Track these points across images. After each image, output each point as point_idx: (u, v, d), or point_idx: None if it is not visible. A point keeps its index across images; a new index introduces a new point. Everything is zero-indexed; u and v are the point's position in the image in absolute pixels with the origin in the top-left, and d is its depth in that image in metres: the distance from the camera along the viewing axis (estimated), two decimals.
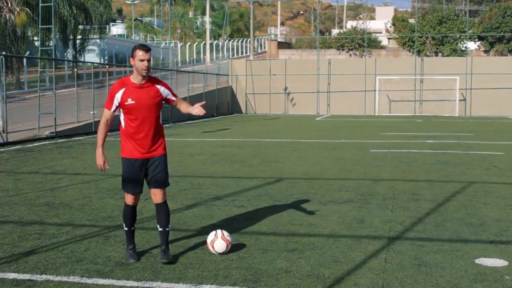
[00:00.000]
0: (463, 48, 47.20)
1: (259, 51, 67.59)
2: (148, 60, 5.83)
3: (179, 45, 58.44)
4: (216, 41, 60.82)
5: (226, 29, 58.74)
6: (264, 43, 68.57)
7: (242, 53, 62.48)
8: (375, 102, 40.51)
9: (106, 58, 45.26)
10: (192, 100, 35.08)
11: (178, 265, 5.83)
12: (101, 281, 5.36)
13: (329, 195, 9.68)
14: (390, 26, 55.15)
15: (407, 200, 9.27)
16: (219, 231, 6.23)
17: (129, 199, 6.06)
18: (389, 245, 6.59)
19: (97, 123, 23.01)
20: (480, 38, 48.53)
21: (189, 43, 58.53)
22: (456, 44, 47.59)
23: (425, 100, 40.79)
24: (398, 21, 52.64)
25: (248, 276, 5.50)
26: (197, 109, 6.08)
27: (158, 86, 6.00)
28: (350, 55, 50.84)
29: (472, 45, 49.57)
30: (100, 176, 11.75)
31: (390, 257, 6.11)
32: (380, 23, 71.22)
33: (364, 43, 48.56)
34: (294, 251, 6.34)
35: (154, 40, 64.40)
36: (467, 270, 5.68)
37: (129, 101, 5.83)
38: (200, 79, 37.97)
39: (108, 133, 5.94)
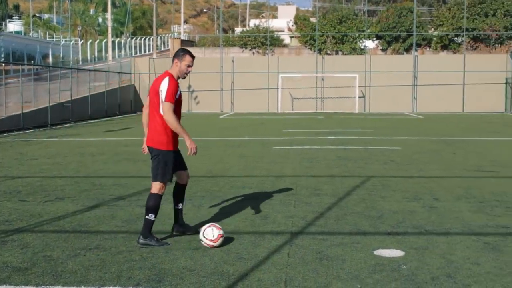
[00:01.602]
0: (362, 47, 48.57)
1: (162, 49, 66.91)
2: (192, 66, 6.63)
3: (79, 43, 57.00)
4: (118, 39, 59.74)
5: (128, 27, 57.89)
6: (167, 41, 67.95)
7: (145, 51, 61.65)
8: (278, 100, 41.03)
9: (2, 55, 43.53)
10: (93, 99, 34.34)
11: (80, 267, 5.69)
12: None
13: (232, 192, 9.73)
14: (292, 25, 55.96)
15: (309, 195, 9.45)
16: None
17: (163, 188, 6.63)
18: (292, 240, 6.70)
19: None
20: (378, 37, 50.06)
21: (90, 40, 57.15)
22: (356, 43, 48.89)
23: (326, 98, 41.71)
24: (300, 20, 53.47)
25: (151, 276, 5.44)
26: None
27: None
28: (253, 53, 51.22)
29: (370, 44, 51.05)
30: None
31: (293, 252, 6.21)
32: (282, 22, 72.18)
33: (267, 41, 49.07)
34: (198, 249, 6.33)
35: (53, 38, 62.48)
36: (366, 262, 5.86)
37: (181, 96, 6.61)
38: (102, 77, 37.20)
39: (5, 134, 5.74)
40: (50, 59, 47.27)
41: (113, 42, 55.49)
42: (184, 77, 6.65)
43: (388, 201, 8.92)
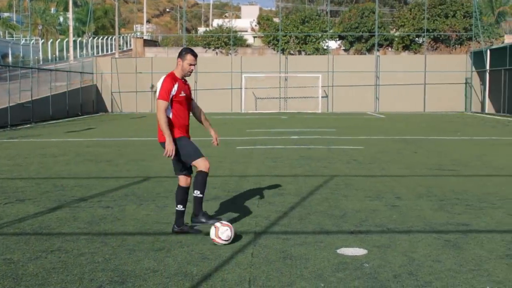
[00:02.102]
0: (325, 47, 48.87)
1: (125, 48, 66.30)
2: (195, 65, 6.92)
3: (40, 42, 56.18)
4: (80, 39, 59.01)
5: (90, 26, 57.17)
6: (130, 41, 67.42)
7: (107, 50, 61.01)
8: (241, 100, 41.06)
9: None
10: (54, 99, 33.89)
11: (41, 270, 5.61)
12: None
13: None
14: (256, 25, 56.04)
15: (273, 195, 9.47)
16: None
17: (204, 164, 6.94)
18: (256, 240, 6.71)
19: None
20: (341, 38, 50.44)
21: (51, 40, 56.36)
22: (318, 43, 49.17)
23: (289, 97, 41.88)
24: (263, 20, 53.55)
25: (114, 277, 5.39)
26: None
27: (188, 84, 7.13)
28: (217, 53, 51.14)
29: (333, 44, 51.40)
30: None
31: (256, 252, 6.22)
32: (245, 22, 72.17)
33: (230, 41, 49.04)
34: (162, 250, 6.29)
35: (13, 37, 61.45)
36: (329, 260, 5.89)
37: (182, 94, 6.86)
38: (64, 77, 36.74)
39: None
40: (10, 59, 46.45)
41: (74, 41, 54.82)
42: (188, 75, 6.94)
43: (351, 200, 8.99)
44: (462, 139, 19.77)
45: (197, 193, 6.81)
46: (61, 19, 73.50)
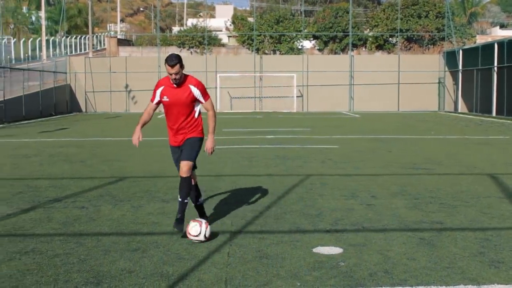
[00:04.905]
0: (299, 47, 49.00)
1: (99, 48, 65.82)
2: (176, 73, 6.73)
3: (12, 41, 55.50)
4: (53, 38, 58.44)
5: (63, 25, 56.64)
6: (104, 40, 66.93)
7: (80, 50, 60.49)
8: (216, 99, 41.00)
9: None
10: (27, 99, 33.53)
11: (15, 272, 5.55)
12: None
13: (171, 192, 9.66)
14: (230, 25, 55.98)
15: (249, 194, 9.47)
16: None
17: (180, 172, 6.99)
18: (232, 239, 6.71)
19: None
20: (315, 37, 50.61)
21: (23, 39, 55.74)
22: (293, 42, 49.29)
23: (264, 97, 41.95)
24: (238, 20, 53.53)
25: (90, 278, 5.36)
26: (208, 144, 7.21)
27: (191, 87, 6.92)
28: (191, 52, 50.99)
29: (307, 44, 51.56)
30: None
31: (232, 251, 6.22)
32: (220, 21, 72.00)
33: (204, 40, 48.94)
34: (137, 250, 6.26)
35: None
36: (305, 259, 5.91)
37: (165, 98, 6.95)
38: (36, 77, 36.39)
39: None
40: None
41: (47, 40, 54.29)
42: (174, 82, 6.83)
43: (326, 199, 9.03)
44: (435, 138, 19.96)
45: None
46: (33, 18, 72.74)
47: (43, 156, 15.07)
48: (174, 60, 6.73)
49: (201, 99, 7.03)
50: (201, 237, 6.48)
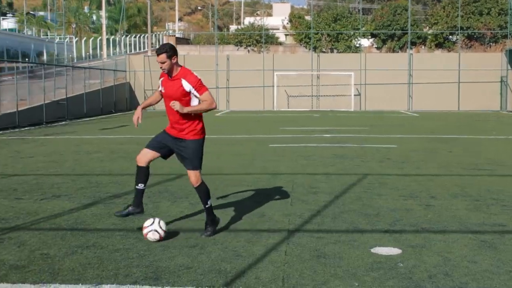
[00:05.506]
0: (357, 45, 48.61)
1: (157, 46, 66.80)
2: (163, 63, 6.56)
3: (74, 40, 56.85)
4: (113, 37, 59.58)
5: (123, 24, 57.69)
6: (162, 39, 67.84)
7: (140, 48, 61.49)
8: (273, 98, 41.06)
9: None
10: (88, 97, 34.27)
11: (77, 265, 5.68)
12: None
13: (229, 190, 9.71)
14: (287, 23, 55.95)
15: (306, 193, 9.44)
16: (156, 220, 6.55)
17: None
18: (289, 238, 6.70)
19: None
20: (373, 35, 50.11)
21: (84, 38, 57.04)
22: (351, 41, 48.93)
23: (321, 95, 41.75)
24: (295, 18, 53.47)
25: (149, 274, 5.43)
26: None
27: (182, 80, 6.66)
28: (248, 51, 51.20)
29: (365, 42, 51.09)
30: None
31: (290, 250, 6.21)
32: (277, 20, 72.06)
33: (261, 39, 49.04)
34: (195, 247, 6.32)
35: (48, 35, 62.27)
36: (363, 259, 5.86)
37: (161, 89, 6.97)
38: (97, 75, 37.15)
39: (1, 132, 5.76)
40: (45, 57, 47.13)
41: (107, 39, 55.36)
42: (166, 72, 6.71)
43: (384, 199, 8.93)
44: (497, 138, 19.50)
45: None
46: (94, 17, 74.31)
47: (104, 153, 15.38)
48: (161, 49, 6.56)
49: (195, 93, 6.70)
50: (155, 226, 6.48)
